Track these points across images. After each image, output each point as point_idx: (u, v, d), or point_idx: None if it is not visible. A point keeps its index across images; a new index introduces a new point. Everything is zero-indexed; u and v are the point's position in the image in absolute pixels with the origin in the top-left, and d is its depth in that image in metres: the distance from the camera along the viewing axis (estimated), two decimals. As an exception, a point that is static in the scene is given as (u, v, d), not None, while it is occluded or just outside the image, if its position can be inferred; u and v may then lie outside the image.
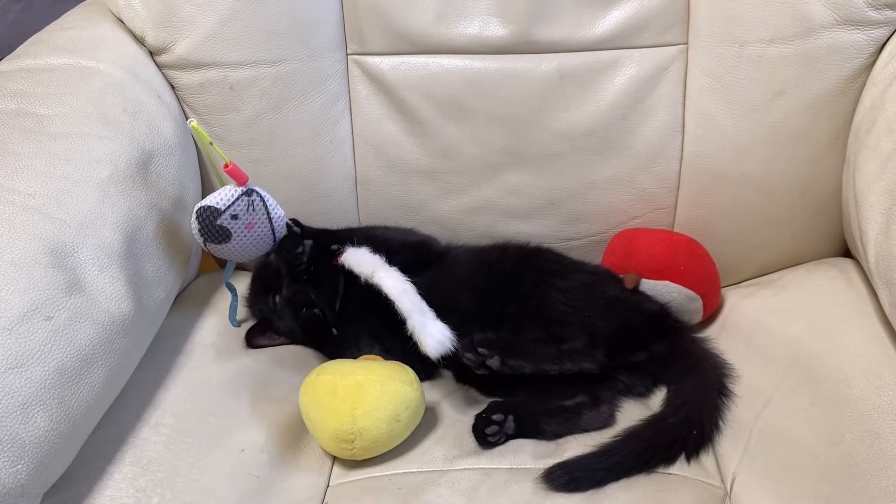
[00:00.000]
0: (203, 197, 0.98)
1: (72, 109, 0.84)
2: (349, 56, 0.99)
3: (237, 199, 0.84)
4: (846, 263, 0.98)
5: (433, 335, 0.79)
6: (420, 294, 0.82)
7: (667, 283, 0.94)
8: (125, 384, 0.78)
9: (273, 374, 0.89)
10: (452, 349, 0.79)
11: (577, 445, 0.81)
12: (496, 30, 0.96)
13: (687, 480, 0.78)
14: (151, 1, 0.92)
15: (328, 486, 0.79)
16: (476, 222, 1.04)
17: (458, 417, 0.86)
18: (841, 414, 0.77)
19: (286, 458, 0.80)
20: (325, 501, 0.77)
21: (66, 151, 0.80)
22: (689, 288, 0.94)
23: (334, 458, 0.82)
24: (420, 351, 0.80)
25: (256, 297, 0.94)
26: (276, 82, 0.96)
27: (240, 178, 0.84)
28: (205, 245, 0.85)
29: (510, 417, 0.81)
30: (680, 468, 0.79)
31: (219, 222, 0.83)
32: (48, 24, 0.98)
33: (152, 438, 0.76)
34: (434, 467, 0.79)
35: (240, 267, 0.99)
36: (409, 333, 0.80)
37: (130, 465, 0.73)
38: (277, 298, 0.91)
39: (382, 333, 0.89)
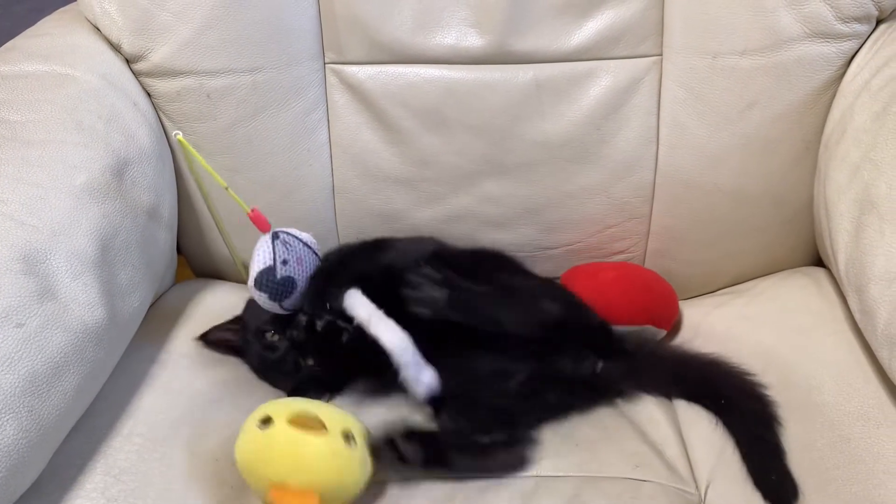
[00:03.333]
0: (179, 208, 0.99)
1: (46, 116, 0.84)
2: (327, 65, 0.99)
3: (273, 247, 0.84)
4: (818, 272, 0.99)
5: (425, 384, 0.81)
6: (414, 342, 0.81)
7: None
8: (98, 393, 0.77)
9: (248, 384, 0.88)
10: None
11: (554, 453, 0.81)
12: (473, 40, 0.97)
13: (661, 487, 0.78)
14: (128, 9, 0.92)
15: (303, 495, 0.78)
16: (454, 231, 1.04)
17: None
18: (813, 420, 0.78)
19: (261, 468, 0.79)
20: (299, 510, 0.76)
21: (40, 158, 0.79)
22: (633, 324, 0.94)
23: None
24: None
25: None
26: (253, 90, 0.96)
27: (262, 226, 0.86)
28: (283, 307, 0.85)
29: (419, 450, 0.77)
30: (654, 475, 0.79)
31: (279, 276, 0.83)
32: (24, 31, 0.97)
33: (125, 448, 0.75)
34: (409, 476, 0.79)
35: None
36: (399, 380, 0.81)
37: (102, 475, 0.72)
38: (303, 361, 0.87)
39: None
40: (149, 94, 0.96)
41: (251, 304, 0.90)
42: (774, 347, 0.87)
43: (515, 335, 0.84)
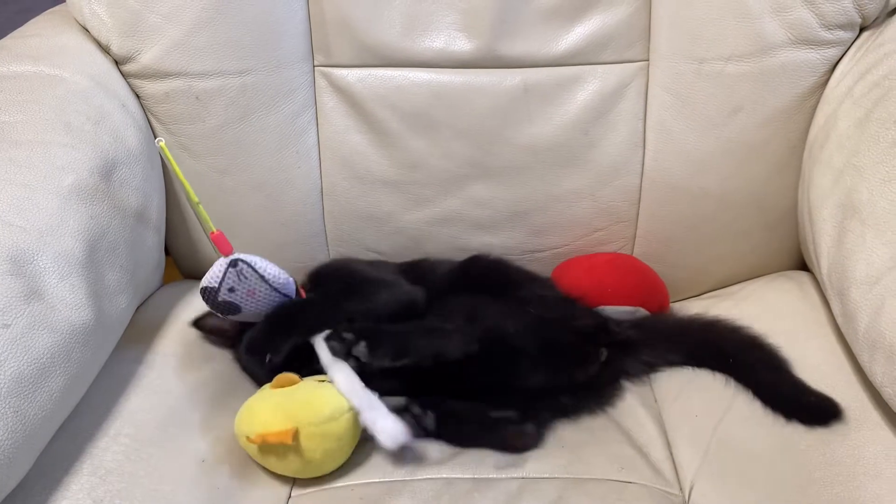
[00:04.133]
0: (167, 210, 0.99)
1: (34, 117, 0.84)
2: (316, 67, 0.99)
3: (225, 273, 0.82)
4: (802, 276, 1.00)
5: (385, 430, 0.78)
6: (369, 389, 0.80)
7: (602, 307, 0.96)
8: (84, 394, 0.77)
9: (235, 385, 0.88)
10: (405, 441, 0.78)
11: (539, 455, 0.82)
12: (462, 44, 0.97)
13: (646, 488, 0.79)
14: (117, 10, 0.92)
15: (290, 497, 0.78)
16: (442, 233, 1.05)
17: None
18: (795, 423, 0.79)
19: (247, 469, 0.79)
20: (286, 512, 0.76)
21: (28, 159, 0.79)
22: (624, 304, 0.96)
23: (296, 469, 0.82)
24: None
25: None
26: (242, 92, 0.96)
27: (224, 248, 0.82)
28: (226, 318, 0.85)
29: (430, 413, 0.81)
30: (639, 476, 0.80)
31: (220, 299, 0.82)
32: (13, 31, 0.97)
33: (111, 448, 0.75)
34: (396, 477, 0.79)
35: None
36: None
37: (88, 476, 0.72)
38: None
39: None
40: (137, 96, 0.96)
41: None
42: (758, 350, 0.87)
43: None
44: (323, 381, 0.80)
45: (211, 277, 0.82)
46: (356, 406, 0.78)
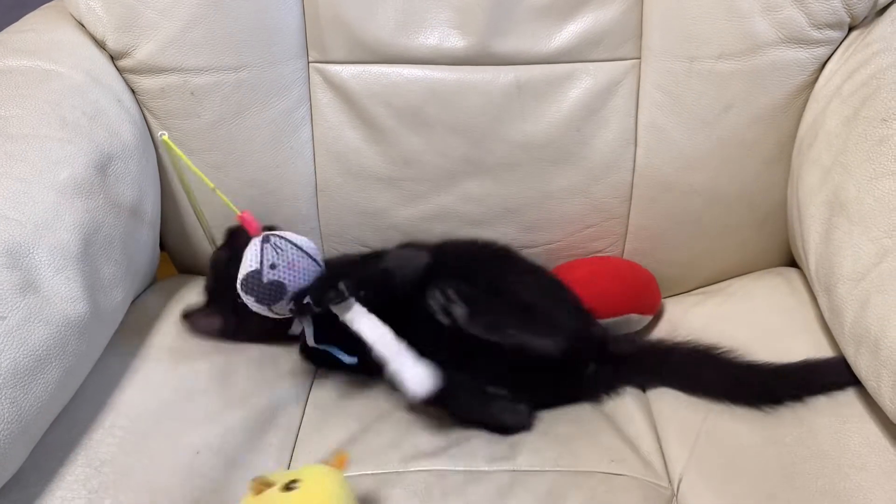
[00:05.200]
0: (162, 205, 1.00)
1: (30, 111, 0.84)
2: (310, 64, 1.00)
3: (262, 250, 0.82)
4: (791, 272, 1.01)
5: (413, 378, 0.79)
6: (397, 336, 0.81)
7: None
8: (79, 386, 0.78)
9: (229, 378, 0.89)
10: (432, 389, 0.79)
11: (531, 448, 0.83)
12: (456, 41, 0.98)
13: (635, 481, 0.80)
14: (112, 5, 0.92)
15: (283, 488, 0.79)
16: (435, 229, 1.05)
17: (411, 419, 0.87)
18: (782, 416, 0.81)
19: (242, 461, 0.80)
20: (279, 503, 0.77)
21: (24, 153, 0.80)
22: (613, 316, 0.97)
23: (290, 460, 0.82)
24: None
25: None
26: (237, 88, 0.96)
27: (252, 228, 0.84)
28: (273, 310, 0.83)
29: (464, 308, 0.81)
30: (628, 469, 0.81)
31: (265, 280, 0.81)
32: (8, 26, 0.98)
33: (106, 440, 0.76)
34: (389, 469, 0.80)
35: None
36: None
37: (83, 467, 0.73)
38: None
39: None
40: (133, 91, 0.97)
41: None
42: (747, 345, 0.88)
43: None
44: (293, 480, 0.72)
45: (248, 262, 0.82)
46: (383, 354, 0.79)
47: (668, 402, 0.89)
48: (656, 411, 0.89)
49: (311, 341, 0.87)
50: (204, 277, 1.01)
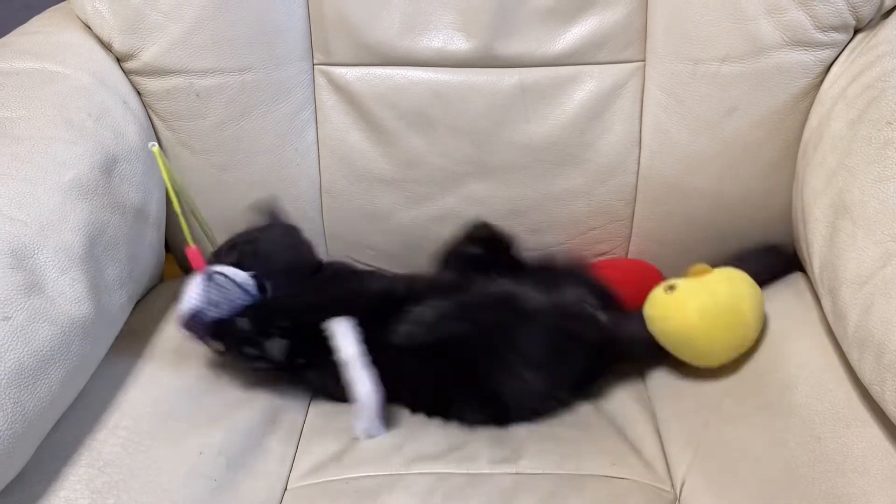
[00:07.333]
0: (167, 207, 1.00)
1: (36, 113, 0.85)
2: (315, 66, 1.00)
3: (204, 288, 0.82)
4: (795, 275, 1.01)
5: (363, 392, 0.82)
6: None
7: None
8: (83, 387, 0.78)
9: (233, 380, 0.89)
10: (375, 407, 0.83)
11: (533, 451, 0.83)
12: (460, 44, 0.98)
13: (638, 484, 0.80)
14: (119, 8, 0.93)
15: (286, 489, 0.79)
16: (440, 231, 1.05)
17: (414, 422, 0.88)
18: (785, 419, 0.80)
19: (244, 462, 0.80)
20: (281, 504, 0.77)
21: (29, 154, 0.80)
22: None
23: (292, 463, 0.82)
24: None
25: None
26: (242, 90, 0.97)
27: (198, 264, 0.83)
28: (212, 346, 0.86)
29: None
30: (631, 472, 0.81)
31: (206, 320, 0.82)
32: (16, 28, 0.98)
33: (109, 441, 0.76)
34: (391, 471, 0.80)
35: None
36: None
37: (86, 467, 0.73)
38: None
39: None
40: (139, 93, 0.97)
41: None
42: (751, 348, 0.88)
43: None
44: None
45: (190, 299, 0.82)
46: (347, 358, 0.81)
47: (671, 406, 0.89)
48: (659, 415, 0.89)
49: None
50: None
